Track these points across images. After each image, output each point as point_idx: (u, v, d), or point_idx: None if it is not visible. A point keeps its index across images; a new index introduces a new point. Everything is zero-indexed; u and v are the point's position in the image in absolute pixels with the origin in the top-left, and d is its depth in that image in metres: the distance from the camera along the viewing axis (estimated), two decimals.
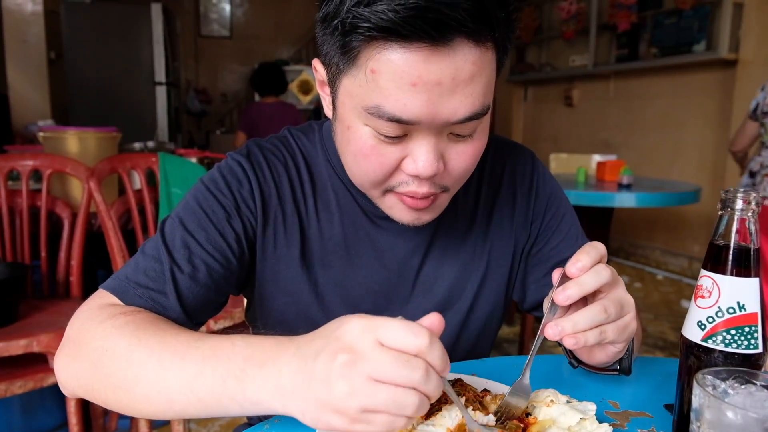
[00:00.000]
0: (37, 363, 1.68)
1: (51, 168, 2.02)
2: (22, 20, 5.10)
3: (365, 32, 0.62)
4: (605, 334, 0.63)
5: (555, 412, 0.63)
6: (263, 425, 0.66)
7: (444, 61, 0.62)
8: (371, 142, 0.69)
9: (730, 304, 0.55)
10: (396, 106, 0.64)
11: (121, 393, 0.64)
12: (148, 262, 0.76)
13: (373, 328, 0.51)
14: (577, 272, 0.63)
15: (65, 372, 0.70)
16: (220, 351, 0.59)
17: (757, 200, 0.54)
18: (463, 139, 0.71)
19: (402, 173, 0.72)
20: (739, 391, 0.50)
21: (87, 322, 0.71)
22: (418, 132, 0.67)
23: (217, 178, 0.82)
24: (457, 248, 0.91)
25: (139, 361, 0.63)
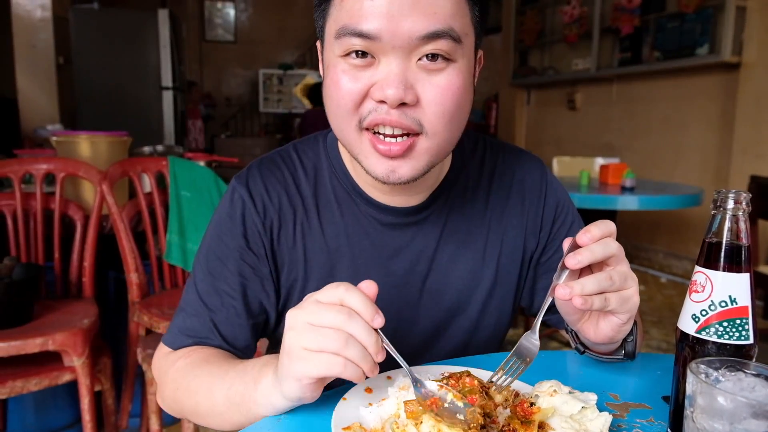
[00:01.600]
0: (52, 361, 1.72)
1: (64, 171, 2.07)
2: (31, 26, 5.16)
3: None
4: (609, 301, 0.67)
5: (557, 401, 0.67)
6: (278, 415, 0.69)
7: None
8: (342, 69, 0.74)
9: (722, 297, 0.58)
10: (358, 20, 0.69)
11: (194, 415, 0.81)
12: (189, 314, 0.88)
13: (317, 292, 0.64)
14: (588, 241, 0.67)
15: (164, 405, 0.88)
16: (249, 364, 0.74)
17: (747, 200, 0.58)
18: (435, 70, 0.72)
19: (371, 102, 0.74)
20: (730, 378, 0.53)
21: (160, 371, 0.88)
22: (384, 55, 0.71)
23: (224, 219, 0.89)
24: (465, 255, 0.92)
25: (197, 389, 0.79)
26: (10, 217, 2.02)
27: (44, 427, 2.12)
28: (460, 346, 0.94)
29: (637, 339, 0.79)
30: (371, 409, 0.66)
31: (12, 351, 1.61)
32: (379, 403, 0.67)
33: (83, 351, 1.71)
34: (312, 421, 0.67)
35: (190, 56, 8.94)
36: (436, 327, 0.93)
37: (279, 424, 0.67)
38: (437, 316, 0.92)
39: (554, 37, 6.44)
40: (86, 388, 1.74)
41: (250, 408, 0.70)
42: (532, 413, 0.65)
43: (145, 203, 2.08)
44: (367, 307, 0.61)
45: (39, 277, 1.89)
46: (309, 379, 0.62)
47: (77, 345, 1.70)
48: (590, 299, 0.66)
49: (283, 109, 9.78)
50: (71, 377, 1.73)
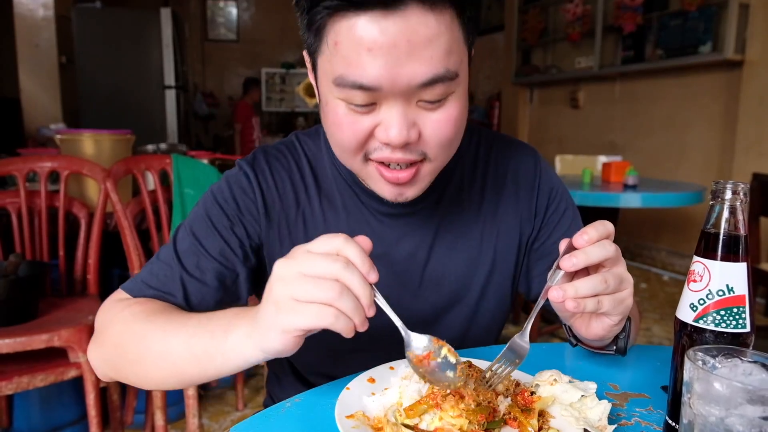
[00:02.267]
0: (58, 357, 1.73)
1: (68, 169, 2.08)
2: (33, 25, 5.18)
3: (324, 7, 0.67)
4: (602, 304, 0.67)
5: (557, 390, 0.68)
6: (284, 404, 0.70)
7: (397, 25, 0.65)
8: (343, 112, 0.73)
9: (719, 286, 0.59)
10: (357, 72, 0.68)
11: (137, 365, 0.75)
12: (160, 267, 0.86)
13: (307, 243, 0.63)
14: (585, 243, 0.67)
15: (96, 358, 0.82)
16: (216, 314, 0.71)
17: (745, 190, 0.59)
18: (434, 107, 0.73)
19: (375, 141, 0.75)
20: (726, 365, 0.54)
21: (108, 314, 0.83)
22: (385, 100, 0.71)
23: (224, 188, 0.90)
24: (463, 243, 0.94)
25: (151, 335, 0.74)
26: (15, 215, 2.03)
27: (50, 424, 2.13)
28: (459, 334, 0.96)
29: (629, 335, 0.79)
30: (374, 398, 0.68)
31: (18, 347, 1.62)
32: (382, 393, 0.68)
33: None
34: (316, 410, 0.68)
35: (192, 55, 8.96)
36: (436, 314, 0.94)
37: (283, 414, 0.68)
38: (437, 303, 0.94)
39: (557, 35, 6.44)
40: (92, 384, 1.75)
41: (214, 360, 0.67)
42: (533, 402, 0.66)
43: (149, 201, 2.09)
44: (364, 260, 0.61)
45: (44, 275, 1.90)
46: (298, 331, 0.60)
47: (83, 341, 1.71)
48: (583, 302, 0.66)
49: (285, 108, 9.79)
50: (77, 373, 1.74)
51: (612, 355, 0.82)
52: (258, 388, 2.75)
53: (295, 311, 0.60)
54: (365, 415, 0.64)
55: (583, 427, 0.62)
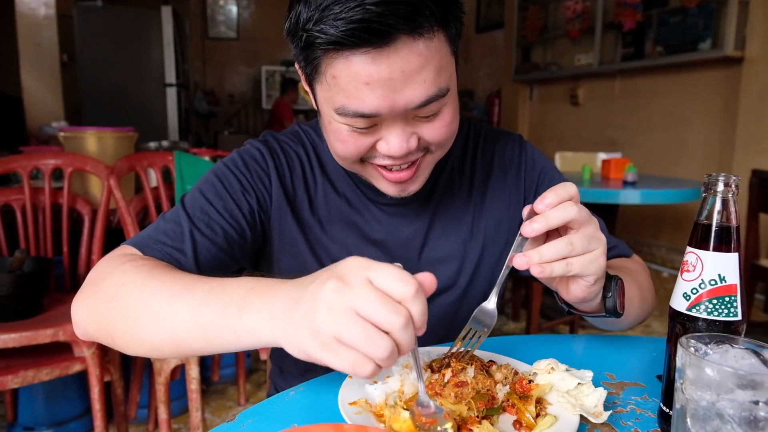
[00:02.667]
0: (63, 352, 1.75)
1: (72, 166, 2.10)
2: (35, 24, 5.19)
3: (319, 47, 0.71)
4: (571, 266, 0.67)
5: (555, 378, 0.69)
6: (288, 392, 0.72)
7: (390, 59, 0.69)
8: (346, 132, 0.78)
9: (712, 276, 0.61)
10: (357, 103, 0.72)
11: (130, 323, 0.69)
12: (168, 224, 0.85)
13: (367, 267, 0.54)
14: (544, 208, 0.67)
15: (80, 310, 0.75)
16: (228, 283, 0.64)
17: (736, 183, 0.60)
18: (429, 119, 0.78)
19: (377, 152, 0.80)
20: (717, 351, 0.56)
21: (108, 266, 0.76)
22: (385, 120, 0.75)
23: (236, 159, 0.93)
24: (455, 230, 0.98)
25: (151, 290, 0.68)
26: (19, 212, 2.05)
27: (54, 419, 2.16)
28: (450, 315, 0.98)
29: (618, 295, 0.77)
30: (376, 386, 0.69)
31: (24, 341, 1.64)
32: (384, 381, 0.70)
33: (93, 342, 1.74)
34: (320, 397, 0.70)
35: (192, 53, 8.97)
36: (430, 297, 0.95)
37: (288, 401, 0.70)
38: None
39: (557, 32, 6.45)
40: (96, 378, 1.77)
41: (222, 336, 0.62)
42: (531, 389, 0.68)
43: (152, 197, 2.11)
44: (424, 319, 0.55)
45: (48, 271, 1.92)
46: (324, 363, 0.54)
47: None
48: (549, 267, 0.66)
49: None
50: (81, 367, 1.76)
51: (606, 317, 0.80)
52: (260, 383, 2.78)
53: (332, 351, 0.53)
54: (368, 403, 0.66)
55: (579, 413, 0.64)
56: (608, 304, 0.78)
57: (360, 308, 0.52)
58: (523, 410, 0.64)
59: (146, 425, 2.30)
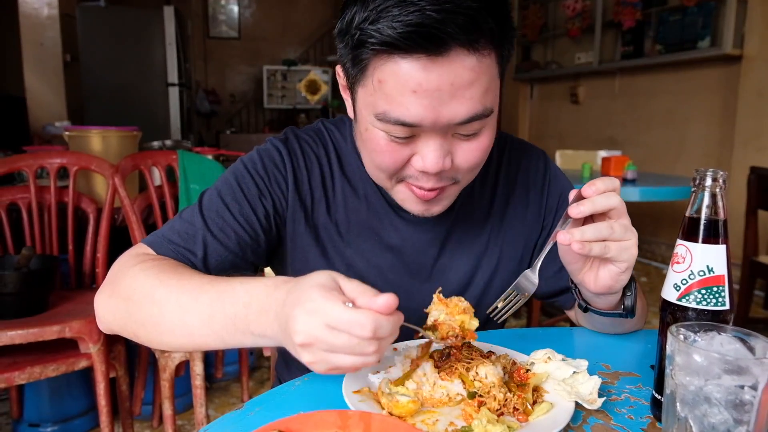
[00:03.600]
0: (68, 348, 1.78)
1: (77, 165, 2.12)
2: (38, 24, 5.21)
3: (370, 47, 0.70)
4: (608, 248, 0.73)
5: (551, 367, 0.72)
6: (294, 382, 0.75)
7: (441, 69, 0.69)
8: (384, 142, 0.77)
9: (700, 267, 0.63)
10: (400, 110, 0.72)
11: (150, 327, 0.75)
12: (183, 225, 0.87)
13: (318, 315, 0.57)
14: (592, 193, 0.73)
15: (103, 308, 0.81)
16: (225, 296, 0.68)
17: (724, 178, 0.63)
18: (468, 139, 0.78)
19: (411, 168, 0.80)
20: (705, 338, 0.58)
21: (123, 267, 0.81)
22: (424, 132, 0.75)
23: (255, 159, 0.93)
24: (472, 241, 0.98)
25: (161, 300, 0.73)
26: (25, 210, 2.08)
27: (59, 415, 2.18)
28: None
29: (636, 296, 0.82)
30: (378, 375, 0.72)
31: (30, 338, 1.67)
32: (386, 370, 0.72)
33: (99, 338, 1.77)
34: (325, 387, 0.73)
35: (194, 53, 8.98)
36: None
37: (294, 390, 0.73)
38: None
39: (557, 31, 6.47)
40: (102, 374, 1.79)
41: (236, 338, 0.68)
42: (528, 378, 0.71)
43: (156, 196, 2.13)
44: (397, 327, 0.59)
45: (54, 268, 1.95)
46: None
47: (93, 332, 1.75)
48: (588, 245, 0.71)
49: (287, 104, 9.82)
50: (87, 363, 1.79)
51: (620, 316, 0.84)
52: (263, 380, 2.80)
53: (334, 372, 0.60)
54: (371, 391, 0.69)
55: (575, 400, 0.67)
56: (628, 301, 0.83)
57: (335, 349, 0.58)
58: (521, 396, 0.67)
59: (151, 421, 2.33)
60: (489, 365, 0.69)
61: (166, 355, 1.88)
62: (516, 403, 0.66)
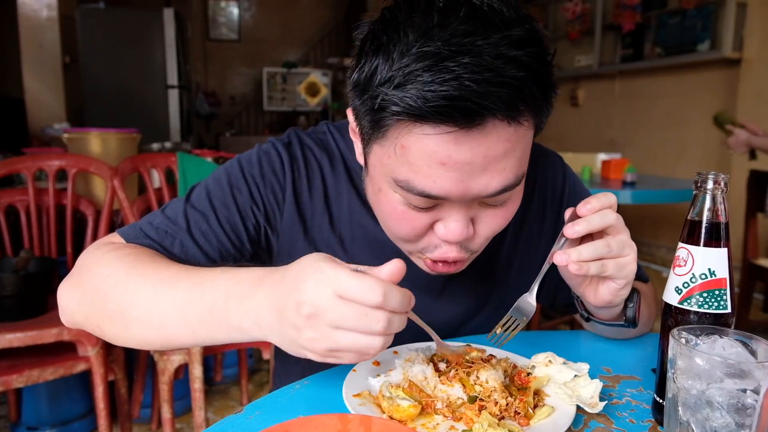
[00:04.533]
0: (67, 351, 1.78)
1: (76, 167, 2.12)
2: (37, 25, 5.22)
3: (394, 115, 0.62)
4: (605, 267, 0.71)
5: (552, 370, 0.72)
6: (293, 385, 0.74)
7: (475, 142, 0.61)
8: (401, 208, 0.70)
9: (702, 270, 0.63)
10: (426, 182, 0.64)
11: (117, 318, 0.69)
12: (164, 221, 0.81)
13: (330, 282, 0.54)
14: (587, 212, 0.71)
15: (66, 297, 0.75)
16: (206, 282, 0.64)
17: (725, 180, 0.63)
18: (494, 207, 0.72)
19: (433, 236, 0.73)
20: (707, 341, 0.58)
21: (93, 254, 0.76)
22: (448, 202, 0.68)
23: (254, 161, 0.85)
24: (486, 262, 0.93)
25: (135, 287, 0.68)
26: (23, 213, 2.07)
27: (57, 418, 2.17)
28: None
29: (638, 306, 0.81)
30: (379, 379, 0.71)
31: (28, 341, 1.66)
32: (386, 374, 0.72)
33: (97, 341, 1.76)
34: (324, 390, 0.72)
35: (194, 55, 8.99)
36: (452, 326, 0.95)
37: (294, 394, 0.72)
38: (454, 313, 0.94)
39: (556, 33, 6.47)
40: (100, 377, 1.79)
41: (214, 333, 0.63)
42: (529, 381, 0.70)
43: (155, 198, 2.13)
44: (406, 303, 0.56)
45: (53, 271, 1.94)
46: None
47: (91, 336, 1.75)
48: (586, 265, 0.70)
49: (287, 107, 9.83)
50: (86, 367, 1.78)
51: (622, 327, 0.83)
52: (262, 383, 2.79)
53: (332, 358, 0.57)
54: (371, 394, 0.68)
55: (576, 403, 0.66)
56: (629, 313, 0.81)
57: (340, 324, 0.54)
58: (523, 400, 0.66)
59: (149, 425, 2.32)
60: (490, 369, 0.69)
61: (165, 358, 1.87)
62: (517, 406, 0.65)
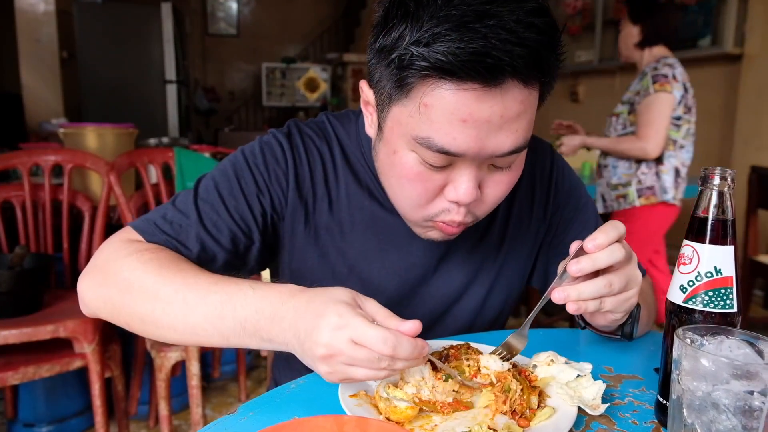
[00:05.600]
0: (63, 348, 1.76)
1: (72, 163, 2.10)
2: (35, 20, 5.19)
3: (421, 70, 0.65)
4: (604, 304, 0.69)
5: (554, 370, 0.70)
6: (288, 385, 0.73)
7: (494, 100, 0.66)
8: (416, 168, 0.73)
9: (708, 269, 0.61)
10: (445, 139, 0.68)
11: (149, 322, 0.73)
12: (176, 214, 0.84)
13: (346, 329, 0.59)
14: (594, 249, 0.67)
15: (90, 294, 0.78)
16: (236, 298, 0.68)
17: (732, 176, 0.61)
18: (501, 170, 0.75)
19: (443, 200, 0.76)
20: (713, 342, 0.56)
21: (114, 254, 0.78)
22: (462, 162, 0.71)
23: (257, 152, 0.89)
24: (478, 242, 0.96)
25: (166, 297, 0.71)
26: (19, 208, 2.06)
27: (54, 415, 2.16)
28: (466, 324, 0.97)
29: (637, 321, 0.81)
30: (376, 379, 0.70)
31: (24, 338, 1.65)
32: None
33: (94, 338, 1.75)
34: (320, 390, 0.71)
35: (193, 50, 8.96)
36: (445, 304, 0.96)
37: (289, 394, 0.71)
38: (446, 293, 0.96)
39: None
40: (97, 374, 1.77)
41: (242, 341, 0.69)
42: (532, 381, 0.69)
43: (152, 194, 2.11)
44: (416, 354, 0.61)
45: (49, 267, 1.93)
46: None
47: (88, 332, 1.74)
48: (584, 304, 0.68)
49: (286, 102, 9.79)
50: (82, 363, 1.77)
51: (618, 339, 0.83)
52: (260, 379, 2.79)
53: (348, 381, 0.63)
54: (368, 395, 0.67)
55: (577, 404, 0.65)
56: (626, 329, 0.81)
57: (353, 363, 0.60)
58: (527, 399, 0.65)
59: (147, 421, 2.31)
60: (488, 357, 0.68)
61: (162, 354, 1.86)
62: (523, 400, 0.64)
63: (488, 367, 0.69)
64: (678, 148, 2.63)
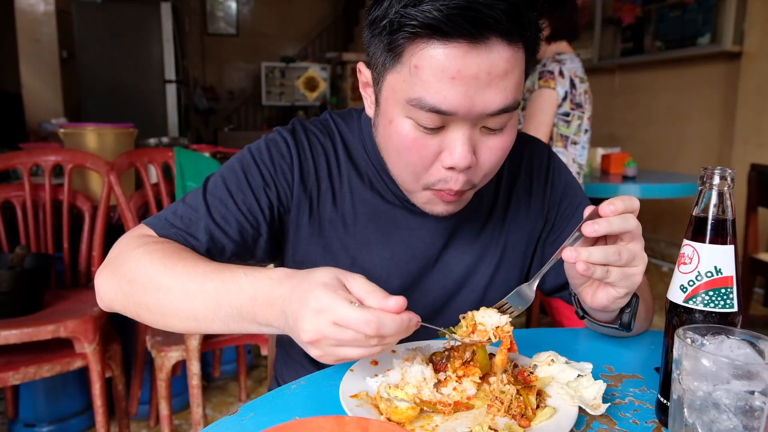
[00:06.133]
0: (63, 348, 1.76)
1: (72, 163, 2.10)
2: (34, 20, 5.18)
3: (411, 30, 0.69)
4: (610, 273, 0.70)
5: (555, 370, 0.70)
6: (290, 385, 0.73)
7: (481, 57, 0.69)
8: (412, 134, 0.76)
9: (708, 268, 0.61)
10: (437, 97, 0.71)
11: (155, 310, 0.76)
12: (186, 209, 0.88)
13: (327, 313, 0.60)
14: (610, 213, 0.69)
15: (105, 287, 0.82)
16: (230, 286, 0.70)
17: (732, 176, 0.61)
18: (494, 133, 0.77)
19: (439, 167, 0.78)
20: (713, 342, 0.56)
21: (125, 248, 0.82)
22: (454, 124, 0.74)
23: (262, 148, 0.93)
24: (477, 233, 0.98)
25: (167, 286, 0.74)
26: (19, 208, 2.06)
27: (55, 415, 2.16)
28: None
29: (635, 312, 0.81)
30: (377, 379, 0.70)
31: (25, 338, 1.65)
32: (384, 374, 0.70)
33: (94, 338, 1.75)
34: (321, 391, 0.71)
35: (192, 50, 8.95)
36: (444, 297, 0.98)
37: (290, 394, 0.71)
38: (447, 286, 0.97)
39: None
40: (97, 374, 1.78)
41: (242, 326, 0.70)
42: (531, 381, 0.69)
43: (152, 194, 2.11)
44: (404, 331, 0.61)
45: (49, 267, 1.93)
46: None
47: (88, 332, 1.74)
48: (592, 267, 0.69)
49: (285, 102, 9.79)
50: (82, 363, 1.77)
51: (617, 331, 0.83)
52: (261, 379, 2.79)
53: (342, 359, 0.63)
54: (368, 395, 0.67)
55: (578, 404, 0.65)
56: (625, 318, 0.81)
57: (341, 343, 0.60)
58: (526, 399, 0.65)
59: (147, 421, 2.31)
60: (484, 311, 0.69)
61: (162, 354, 1.86)
62: (521, 402, 0.64)
63: (484, 323, 0.69)
64: (570, 144, 2.63)
